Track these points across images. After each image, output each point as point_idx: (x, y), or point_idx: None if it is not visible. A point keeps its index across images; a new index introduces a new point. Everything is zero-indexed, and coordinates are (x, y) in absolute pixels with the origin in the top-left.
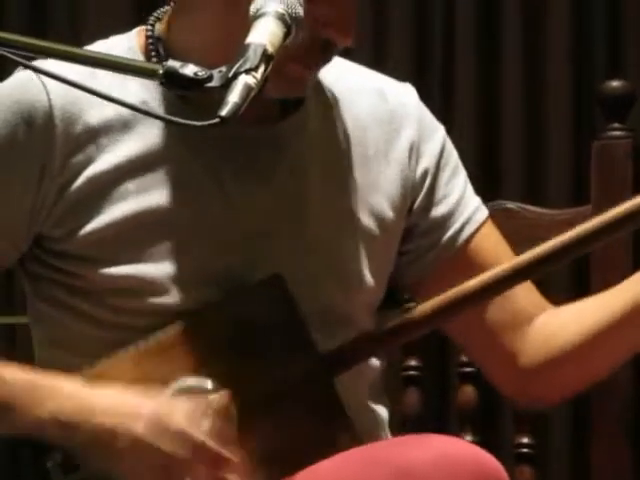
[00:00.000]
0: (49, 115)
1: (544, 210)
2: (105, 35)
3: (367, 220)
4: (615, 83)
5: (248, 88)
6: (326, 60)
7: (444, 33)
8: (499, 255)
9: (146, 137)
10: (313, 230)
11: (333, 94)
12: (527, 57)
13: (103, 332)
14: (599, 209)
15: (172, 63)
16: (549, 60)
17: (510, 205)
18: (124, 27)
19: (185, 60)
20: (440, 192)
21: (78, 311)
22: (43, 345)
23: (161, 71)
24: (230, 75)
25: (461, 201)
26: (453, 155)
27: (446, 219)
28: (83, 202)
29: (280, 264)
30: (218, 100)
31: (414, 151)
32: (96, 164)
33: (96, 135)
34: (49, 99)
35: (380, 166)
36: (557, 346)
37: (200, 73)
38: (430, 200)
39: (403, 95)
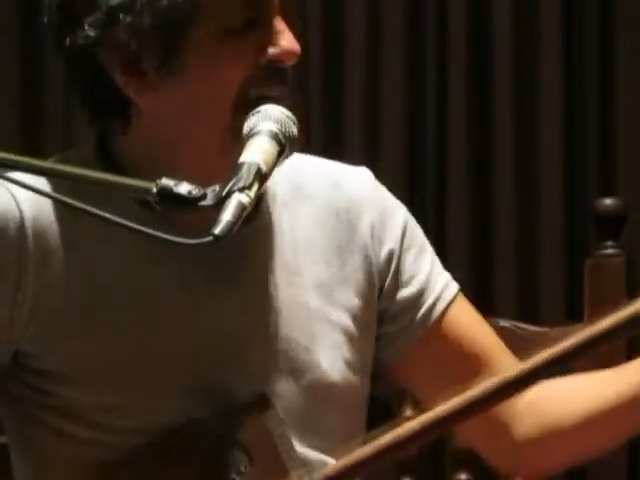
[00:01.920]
0: (20, 226)
1: (538, 328)
2: None
3: (341, 316)
4: (608, 201)
5: (241, 207)
6: (283, 83)
7: (436, 149)
8: (474, 329)
9: (117, 248)
10: (285, 335)
11: (290, 191)
12: (520, 175)
13: (82, 450)
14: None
15: (166, 181)
16: (541, 178)
17: (504, 323)
18: None
19: (135, 172)
20: (407, 273)
21: (55, 428)
22: (21, 466)
23: (154, 189)
24: (224, 194)
25: (429, 279)
26: (417, 234)
27: (416, 299)
28: (58, 315)
29: (254, 373)
30: (190, 219)
31: (375, 235)
32: (69, 275)
33: (66, 248)
34: (20, 210)
35: (344, 257)
36: (553, 421)
37: (194, 191)
38: (397, 282)
39: (357, 181)
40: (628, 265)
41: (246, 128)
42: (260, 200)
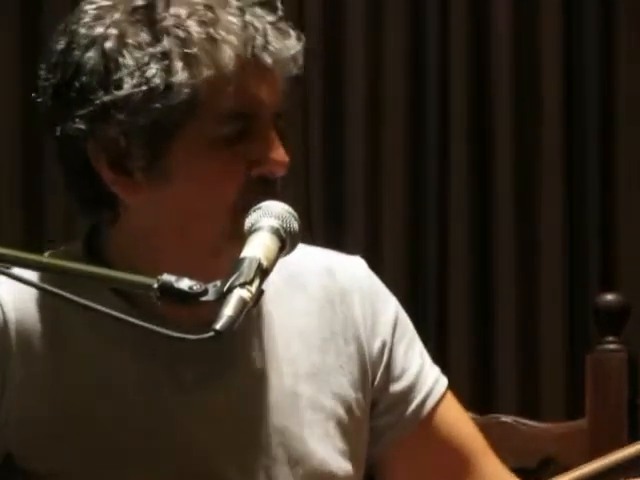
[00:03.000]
0: (3, 329)
1: (539, 424)
2: None
3: (334, 406)
4: (609, 296)
5: (243, 302)
6: (272, 195)
7: (438, 234)
8: (461, 426)
9: (102, 345)
10: (280, 426)
11: (284, 280)
12: (521, 270)
13: None
14: (594, 423)
15: (167, 277)
16: (542, 272)
17: (505, 418)
18: None
19: (121, 267)
20: (399, 366)
21: None
22: None
23: (156, 285)
24: (225, 289)
25: (421, 373)
26: (408, 326)
27: (407, 394)
28: (46, 418)
29: (252, 465)
30: (178, 312)
31: (368, 325)
32: (54, 377)
33: (52, 347)
34: (3, 312)
35: (338, 346)
36: None
37: (195, 287)
38: (389, 376)
39: (351, 270)
40: (630, 361)
41: (247, 224)
42: None
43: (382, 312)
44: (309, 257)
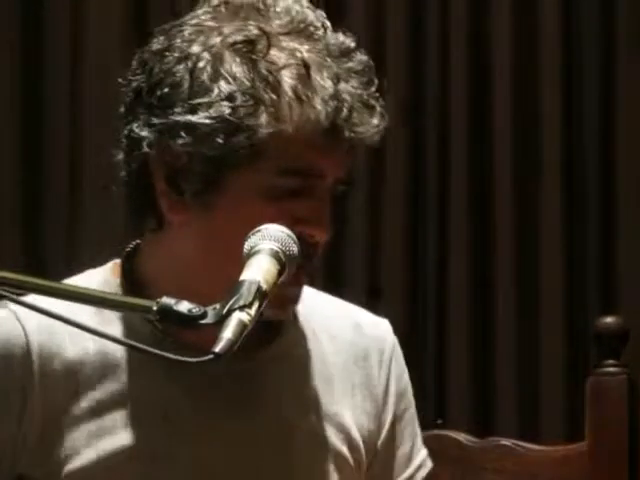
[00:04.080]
0: (26, 352)
1: (538, 447)
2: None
3: (348, 455)
4: (609, 319)
5: (242, 325)
6: (309, 259)
7: (438, 254)
8: None
9: (131, 373)
10: (298, 461)
11: (311, 325)
12: (521, 293)
13: None
14: (594, 446)
15: (166, 300)
16: (542, 296)
17: (504, 442)
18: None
19: (158, 292)
20: (398, 438)
21: None
22: None
23: (155, 307)
24: (224, 312)
25: (412, 451)
26: (412, 403)
27: (389, 473)
28: (67, 439)
29: None
30: (202, 339)
31: (385, 389)
32: (78, 400)
33: (76, 371)
34: (26, 335)
35: (357, 400)
36: None
37: (194, 310)
38: (389, 443)
39: (379, 332)
40: (630, 384)
41: (247, 247)
42: (282, 328)
43: (398, 381)
44: (340, 309)
